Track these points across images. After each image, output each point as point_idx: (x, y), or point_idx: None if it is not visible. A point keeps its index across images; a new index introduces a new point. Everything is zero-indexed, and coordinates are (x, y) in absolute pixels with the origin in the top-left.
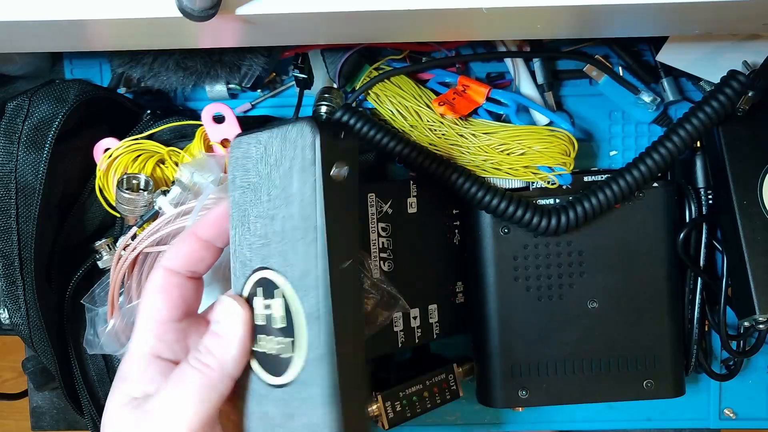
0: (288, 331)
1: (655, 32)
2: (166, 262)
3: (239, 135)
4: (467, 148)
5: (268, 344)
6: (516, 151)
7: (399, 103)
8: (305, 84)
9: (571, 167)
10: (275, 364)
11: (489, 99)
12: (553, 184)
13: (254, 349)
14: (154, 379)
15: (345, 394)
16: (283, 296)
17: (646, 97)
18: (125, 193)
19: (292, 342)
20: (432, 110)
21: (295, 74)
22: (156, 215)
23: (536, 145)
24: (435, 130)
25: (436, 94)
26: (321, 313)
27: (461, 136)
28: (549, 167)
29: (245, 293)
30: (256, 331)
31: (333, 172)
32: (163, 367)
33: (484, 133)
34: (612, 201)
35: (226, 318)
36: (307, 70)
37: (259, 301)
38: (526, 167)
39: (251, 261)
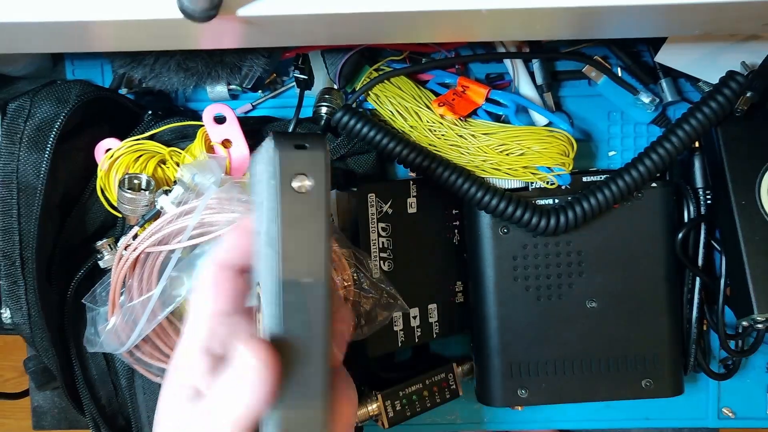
0: None
1: (654, 33)
2: (215, 257)
3: (254, 152)
4: (467, 149)
5: None
6: (515, 151)
7: (399, 104)
8: (306, 85)
9: (570, 167)
10: None
11: (488, 100)
12: (552, 184)
13: None
14: (204, 375)
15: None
16: (261, 311)
17: (645, 98)
18: (127, 192)
19: None
20: (432, 111)
21: (296, 75)
22: (157, 215)
23: (535, 146)
24: (435, 130)
25: (436, 94)
26: (275, 333)
27: (461, 136)
28: (548, 167)
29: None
30: None
31: (295, 184)
32: (213, 362)
33: (483, 134)
34: (611, 201)
35: (243, 372)
36: (308, 70)
37: (258, 318)
38: (525, 167)
39: (256, 275)
